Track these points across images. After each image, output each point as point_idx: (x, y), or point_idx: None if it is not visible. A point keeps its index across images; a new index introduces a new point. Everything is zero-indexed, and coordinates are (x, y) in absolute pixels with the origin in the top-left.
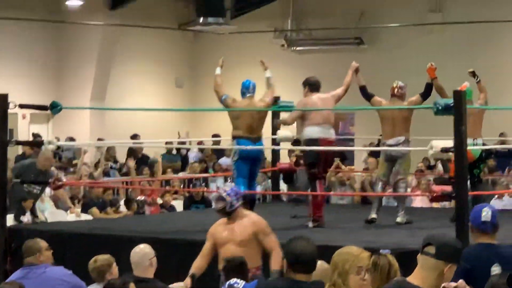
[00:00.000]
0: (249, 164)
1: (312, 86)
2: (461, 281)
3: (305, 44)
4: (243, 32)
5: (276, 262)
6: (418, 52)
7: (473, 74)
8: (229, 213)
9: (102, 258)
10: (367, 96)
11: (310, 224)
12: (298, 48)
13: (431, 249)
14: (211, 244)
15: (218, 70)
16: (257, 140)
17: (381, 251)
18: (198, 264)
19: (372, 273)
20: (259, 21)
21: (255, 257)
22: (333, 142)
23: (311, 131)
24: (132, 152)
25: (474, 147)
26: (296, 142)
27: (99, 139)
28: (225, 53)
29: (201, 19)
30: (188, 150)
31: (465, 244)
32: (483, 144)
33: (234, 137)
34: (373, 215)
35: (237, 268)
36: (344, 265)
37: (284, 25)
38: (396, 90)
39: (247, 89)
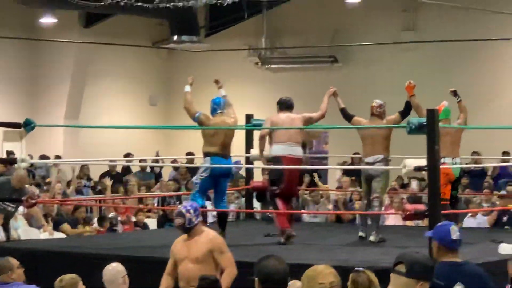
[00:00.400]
0: (218, 181)
1: (281, 104)
2: None
3: (279, 62)
4: (217, 50)
5: (225, 281)
6: (392, 71)
7: (455, 93)
8: (188, 230)
9: (68, 277)
10: (348, 117)
11: (282, 239)
12: (272, 66)
13: (402, 268)
14: (173, 261)
15: (187, 88)
16: (228, 156)
17: (356, 268)
18: (166, 284)
19: None
20: (233, 39)
21: (212, 274)
22: (300, 160)
23: (276, 149)
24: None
25: (454, 165)
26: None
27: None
28: (199, 71)
29: (175, 37)
30: (161, 168)
31: None
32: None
33: (207, 154)
34: (371, 237)
35: (210, 286)
36: (308, 283)
37: (258, 43)
38: (374, 109)
39: (218, 106)
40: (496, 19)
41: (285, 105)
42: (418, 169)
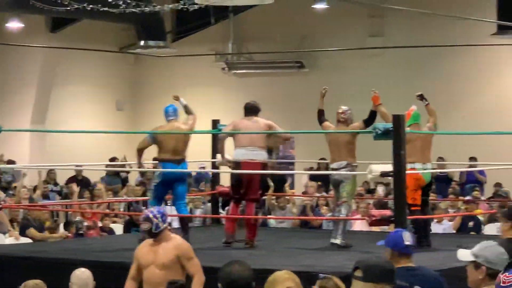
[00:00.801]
0: (172, 186)
1: (246, 109)
2: None
3: (245, 67)
4: (184, 55)
5: (196, 287)
6: (359, 76)
7: (421, 97)
8: (155, 235)
9: (32, 283)
10: (320, 120)
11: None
12: (238, 72)
13: (359, 273)
14: (136, 266)
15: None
16: (181, 162)
17: (320, 275)
18: None
19: None
20: (200, 45)
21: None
22: (262, 165)
23: (237, 153)
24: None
25: (425, 171)
26: None
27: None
28: (166, 76)
29: (142, 42)
30: (128, 172)
31: None
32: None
33: (158, 160)
34: (336, 240)
35: None
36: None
37: (225, 49)
38: (340, 115)
39: (167, 114)
40: (462, 25)
41: (250, 110)
42: (384, 174)
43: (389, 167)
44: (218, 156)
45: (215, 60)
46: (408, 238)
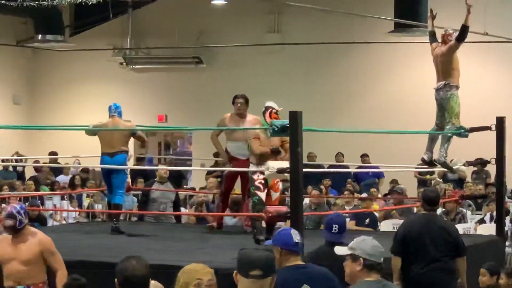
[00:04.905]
0: (108, 176)
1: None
2: None
3: (144, 62)
4: (82, 49)
5: (60, 281)
6: (257, 72)
7: None
8: (18, 230)
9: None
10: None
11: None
12: (137, 67)
13: (258, 272)
14: None
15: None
16: (114, 154)
17: None
18: None
19: None
20: (99, 39)
21: (40, 274)
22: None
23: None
24: None
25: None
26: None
27: None
28: (64, 71)
29: (40, 36)
30: (24, 167)
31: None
32: (319, 166)
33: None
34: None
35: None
36: (185, 279)
37: (123, 43)
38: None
39: (110, 110)
40: (360, 22)
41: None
42: (280, 171)
43: (286, 164)
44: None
45: (113, 54)
46: (296, 236)
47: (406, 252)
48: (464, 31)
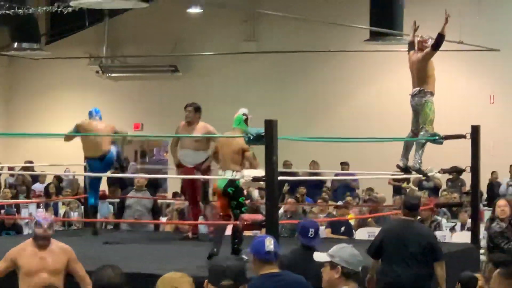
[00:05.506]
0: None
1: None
2: None
3: (120, 71)
4: (58, 58)
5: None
6: (233, 80)
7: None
8: (47, 240)
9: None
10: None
11: None
12: (113, 75)
13: (229, 281)
14: (6, 268)
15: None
16: (103, 157)
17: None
18: None
19: None
20: (75, 47)
21: (64, 283)
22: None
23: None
24: None
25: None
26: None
27: None
28: (41, 79)
29: (16, 44)
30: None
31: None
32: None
33: None
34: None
35: None
36: (163, 286)
37: (99, 52)
38: None
39: (90, 115)
40: (336, 31)
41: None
42: (256, 179)
43: (261, 172)
44: None
45: (89, 63)
46: (270, 245)
47: (383, 256)
48: (440, 39)
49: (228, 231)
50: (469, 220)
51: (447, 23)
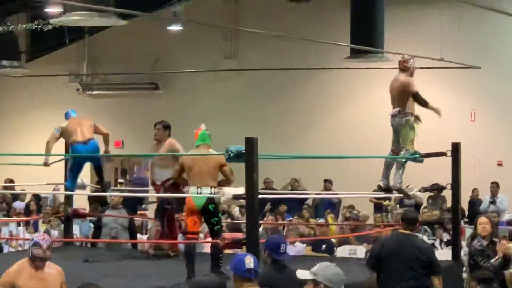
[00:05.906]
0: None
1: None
2: None
3: (100, 88)
4: (38, 75)
5: None
6: (213, 98)
7: None
8: (44, 261)
9: None
10: None
11: None
12: (93, 93)
13: None
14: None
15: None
16: (88, 141)
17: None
18: None
19: None
20: (55, 65)
21: None
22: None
23: None
24: None
25: (198, 195)
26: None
27: None
28: (21, 96)
29: None
30: None
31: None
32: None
33: (70, 145)
34: None
35: None
36: None
37: (80, 69)
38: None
39: (68, 116)
40: (316, 48)
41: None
42: (236, 197)
43: (241, 190)
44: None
45: (69, 80)
46: (250, 262)
47: (381, 269)
48: (420, 102)
49: (207, 249)
50: (445, 235)
51: (436, 113)
